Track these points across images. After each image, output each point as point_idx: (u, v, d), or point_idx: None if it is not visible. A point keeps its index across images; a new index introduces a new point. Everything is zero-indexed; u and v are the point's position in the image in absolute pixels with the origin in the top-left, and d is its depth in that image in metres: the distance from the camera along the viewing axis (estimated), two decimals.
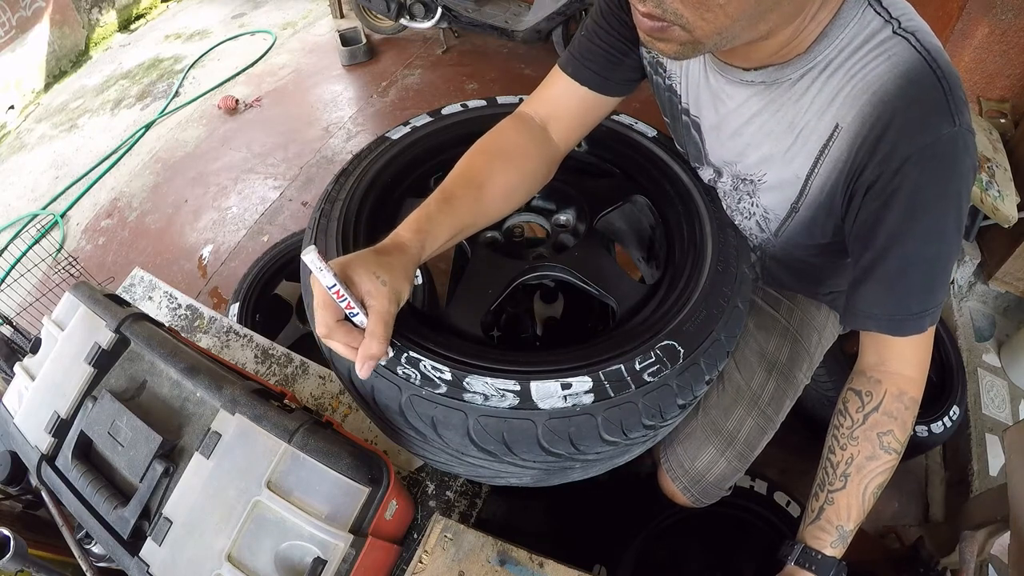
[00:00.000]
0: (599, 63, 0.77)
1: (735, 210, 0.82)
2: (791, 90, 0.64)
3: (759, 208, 0.78)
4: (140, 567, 0.64)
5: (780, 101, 0.66)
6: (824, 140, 0.64)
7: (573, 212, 0.91)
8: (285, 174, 2.48)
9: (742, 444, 0.88)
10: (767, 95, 0.67)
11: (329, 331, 0.57)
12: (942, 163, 0.58)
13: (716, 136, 0.77)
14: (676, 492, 0.91)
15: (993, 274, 1.85)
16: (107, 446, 0.70)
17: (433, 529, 0.74)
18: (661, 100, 0.84)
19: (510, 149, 0.77)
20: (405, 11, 2.66)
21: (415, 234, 0.64)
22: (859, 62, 0.59)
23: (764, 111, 0.68)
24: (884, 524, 1.50)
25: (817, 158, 0.66)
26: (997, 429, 1.61)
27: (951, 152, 0.58)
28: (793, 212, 0.73)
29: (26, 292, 1.66)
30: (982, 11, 1.74)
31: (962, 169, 0.59)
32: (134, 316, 0.77)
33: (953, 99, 0.57)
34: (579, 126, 0.82)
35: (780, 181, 0.71)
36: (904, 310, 0.64)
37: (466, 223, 0.70)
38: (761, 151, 0.71)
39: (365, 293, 0.57)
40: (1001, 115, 1.86)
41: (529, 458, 0.65)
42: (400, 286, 0.59)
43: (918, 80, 0.57)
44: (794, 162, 0.68)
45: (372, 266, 0.58)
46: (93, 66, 3.37)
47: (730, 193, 0.81)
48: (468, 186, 0.72)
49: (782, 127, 0.67)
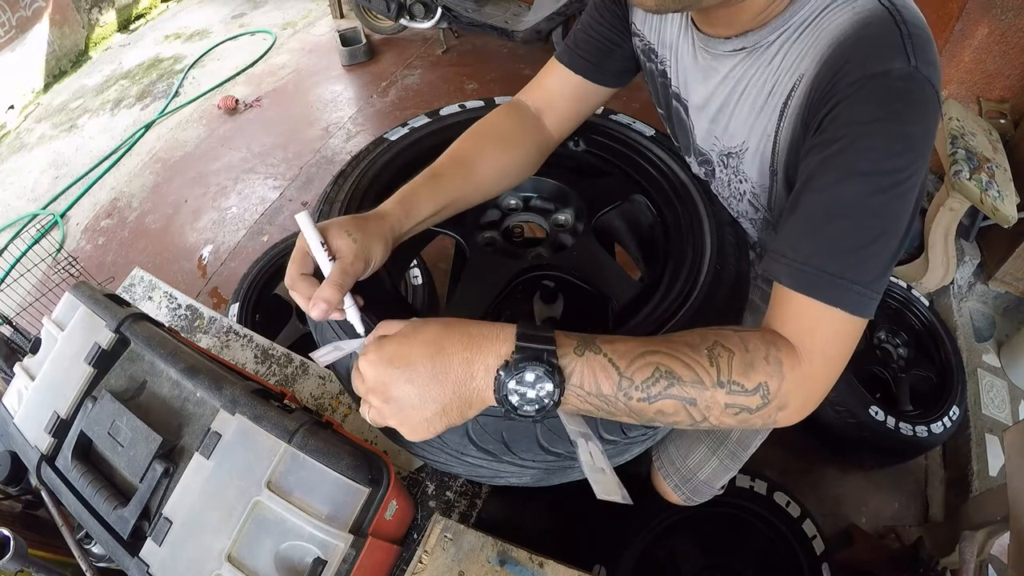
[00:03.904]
0: (592, 52, 0.80)
1: (730, 196, 0.82)
2: (766, 52, 0.64)
3: (747, 183, 0.76)
4: (140, 567, 0.64)
5: (758, 65, 0.65)
6: (788, 93, 0.63)
7: (572, 212, 0.91)
8: (285, 174, 2.48)
9: (734, 443, 0.88)
10: (748, 61, 0.66)
11: (293, 282, 0.61)
12: (887, 96, 0.52)
13: (703, 114, 0.77)
14: (667, 490, 0.91)
15: (993, 274, 1.85)
16: (107, 446, 0.70)
17: (433, 529, 0.74)
18: (654, 88, 0.85)
19: (501, 132, 0.80)
20: (405, 11, 2.66)
21: (397, 204, 0.67)
22: (826, 17, 0.58)
23: (745, 78, 0.67)
24: (884, 524, 1.50)
25: (782, 110, 0.64)
26: (997, 429, 1.61)
27: (901, 90, 0.52)
28: (774, 178, 0.71)
29: (26, 292, 1.66)
30: (982, 11, 1.74)
31: (912, 115, 0.52)
32: (134, 316, 0.77)
33: (912, 42, 0.53)
34: (572, 115, 0.85)
35: (756, 145, 0.70)
36: (816, 263, 0.53)
37: (452, 199, 0.72)
38: (739, 119, 0.71)
39: (335, 249, 0.60)
40: (1001, 115, 1.86)
41: (529, 458, 0.65)
42: (371, 246, 0.62)
43: (876, 23, 0.54)
44: (765, 121, 0.67)
45: (347, 226, 0.61)
46: (93, 66, 3.37)
47: (721, 178, 0.81)
48: (457, 165, 0.75)
49: (757, 91, 0.66)
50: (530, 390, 0.51)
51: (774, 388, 0.52)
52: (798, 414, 0.55)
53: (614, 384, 0.52)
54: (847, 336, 0.54)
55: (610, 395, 0.52)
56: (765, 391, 0.52)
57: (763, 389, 0.52)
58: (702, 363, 0.52)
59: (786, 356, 0.53)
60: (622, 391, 0.52)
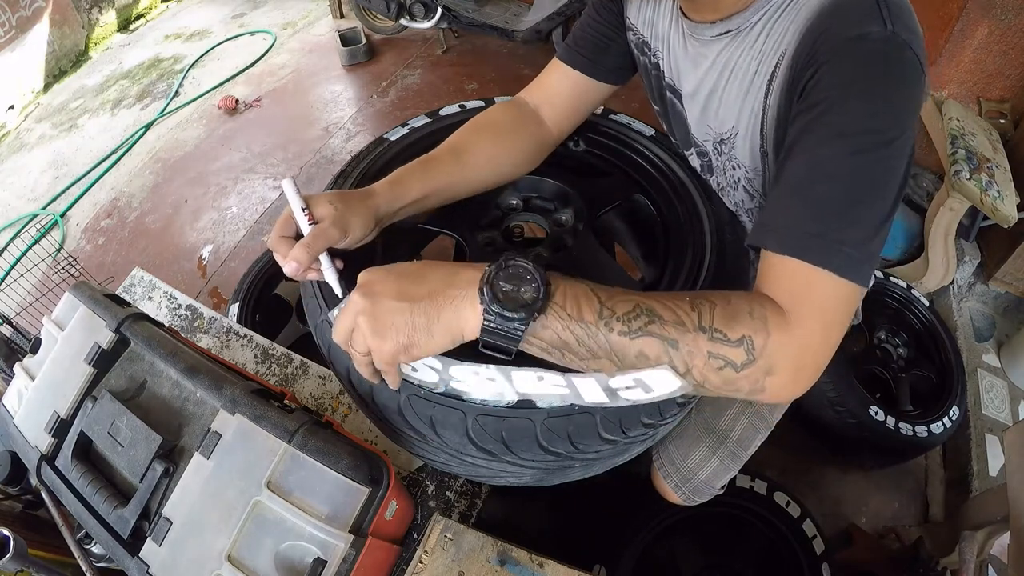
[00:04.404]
0: (589, 48, 0.83)
1: (727, 185, 0.82)
2: (750, 34, 0.65)
3: (740, 168, 0.76)
4: (140, 567, 0.64)
5: (743, 48, 0.66)
6: (772, 70, 0.63)
7: (572, 211, 0.91)
8: (285, 174, 2.48)
9: (734, 443, 0.88)
10: (733, 45, 0.67)
11: (274, 243, 0.64)
12: (864, 59, 0.52)
13: (695, 102, 0.77)
14: (667, 490, 0.91)
15: (993, 274, 1.85)
16: (107, 446, 0.70)
17: (433, 529, 0.74)
18: (649, 83, 0.85)
19: (497, 123, 0.82)
20: (405, 11, 2.66)
21: (387, 185, 0.70)
22: None
23: (731, 62, 0.68)
24: (884, 524, 1.50)
25: (767, 90, 0.64)
26: (997, 429, 1.61)
27: (878, 52, 0.52)
28: (764, 159, 0.71)
29: (26, 292, 1.66)
30: (982, 11, 1.74)
31: (891, 75, 0.52)
32: (134, 316, 0.77)
33: (888, 8, 0.52)
34: (570, 111, 0.87)
35: (745, 128, 0.71)
36: (801, 225, 0.52)
37: (442, 184, 0.74)
38: (728, 102, 0.71)
39: (317, 216, 0.63)
40: (1001, 115, 1.86)
41: (528, 457, 0.65)
42: (351, 218, 0.64)
43: None
44: (752, 102, 0.67)
45: (331, 197, 0.64)
46: (93, 66, 3.37)
47: (717, 167, 0.81)
48: (450, 152, 0.77)
49: (742, 72, 0.67)
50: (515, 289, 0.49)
51: (759, 344, 0.49)
52: (791, 384, 0.51)
53: (595, 312, 0.50)
54: (840, 301, 0.52)
55: (591, 323, 0.50)
56: (750, 345, 0.49)
57: (747, 344, 0.49)
58: (683, 307, 0.50)
59: (772, 314, 0.50)
60: (603, 320, 0.50)
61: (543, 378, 0.57)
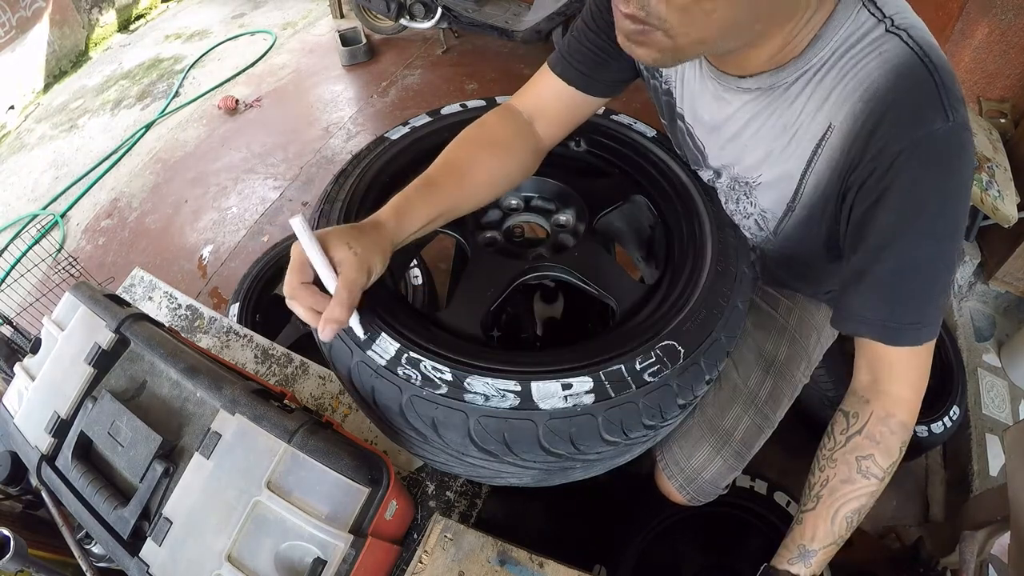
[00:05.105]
0: (586, 63, 0.78)
1: (734, 210, 0.82)
2: (786, 94, 0.64)
3: (756, 208, 0.78)
4: (140, 567, 0.64)
5: (775, 105, 0.66)
6: (817, 139, 0.64)
7: (573, 212, 0.91)
8: (285, 174, 2.48)
9: (738, 443, 0.88)
10: (763, 100, 0.66)
11: (294, 292, 0.59)
12: (937, 159, 0.56)
13: (714, 139, 0.77)
14: (672, 490, 0.91)
15: (993, 274, 1.85)
16: (107, 446, 0.70)
17: (433, 529, 0.74)
18: (658, 102, 0.84)
19: (495, 139, 0.79)
20: (405, 11, 2.66)
21: (392, 215, 0.67)
22: (850, 61, 0.59)
23: (760, 115, 0.68)
24: (884, 524, 1.50)
25: (811, 158, 0.65)
26: (997, 429, 1.61)
27: (946, 148, 0.56)
28: (789, 211, 0.73)
29: (26, 292, 1.66)
30: (982, 11, 1.74)
31: (959, 166, 0.57)
32: (134, 316, 0.77)
33: (947, 93, 0.55)
34: (564, 123, 0.84)
35: (775, 180, 0.71)
36: (897, 318, 0.61)
37: (445, 208, 0.72)
38: (757, 154, 0.71)
39: (337, 261, 0.59)
40: (1001, 115, 1.86)
41: (530, 458, 0.65)
42: (371, 259, 0.61)
43: (909, 74, 0.56)
44: (789, 162, 0.68)
45: (346, 237, 0.60)
46: (93, 66, 3.36)
47: (728, 192, 0.82)
48: (450, 173, 0.74)
49: (777, 130, 0.67)
50: None
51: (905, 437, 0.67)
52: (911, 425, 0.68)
53: None
54: (928, 357, 0.64)
55: None
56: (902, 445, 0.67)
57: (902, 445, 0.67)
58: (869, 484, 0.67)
59: (899, 411, 0.66)
60: None
61: None
